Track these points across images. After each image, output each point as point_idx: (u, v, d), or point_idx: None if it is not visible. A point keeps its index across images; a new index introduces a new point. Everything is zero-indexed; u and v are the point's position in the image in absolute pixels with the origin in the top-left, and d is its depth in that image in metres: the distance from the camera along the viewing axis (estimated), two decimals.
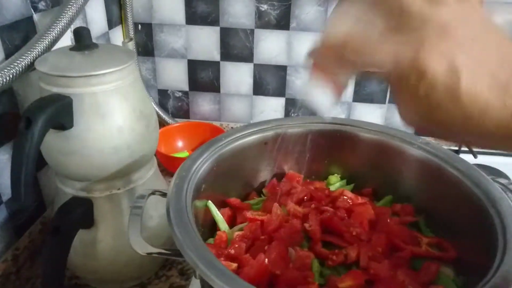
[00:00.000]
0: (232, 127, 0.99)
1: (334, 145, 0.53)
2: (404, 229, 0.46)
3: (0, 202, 0.56)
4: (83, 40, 0.51)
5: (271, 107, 0.97)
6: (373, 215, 0.47)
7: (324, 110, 0.30)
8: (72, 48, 0.51)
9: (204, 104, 0.99)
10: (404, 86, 0.25)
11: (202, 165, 0.44)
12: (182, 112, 1.00)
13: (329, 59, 0.28)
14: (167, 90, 0.99)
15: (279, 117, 0.91)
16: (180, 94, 0.99)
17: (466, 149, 0.46)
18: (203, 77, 0.96)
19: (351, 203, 0.48)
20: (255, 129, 0.51)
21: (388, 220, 0.45)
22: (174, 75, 0.96)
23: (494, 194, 0.40)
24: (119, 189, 0.54)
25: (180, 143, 0.92)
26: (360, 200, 0.49)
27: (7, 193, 0.57)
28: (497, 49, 0.24)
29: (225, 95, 0.97)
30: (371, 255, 0.42)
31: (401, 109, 0.27)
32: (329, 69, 0.29)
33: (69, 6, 0.56)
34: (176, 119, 0.98)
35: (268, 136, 0.51)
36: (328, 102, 0.30)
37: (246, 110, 0.98)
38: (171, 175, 0.82)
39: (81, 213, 0.52)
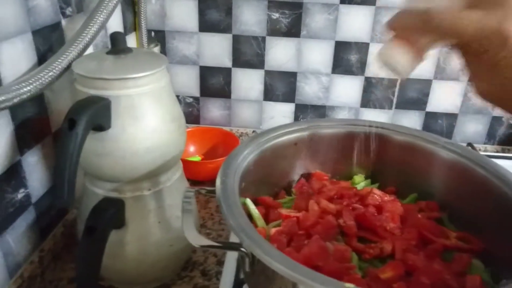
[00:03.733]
0: (242, 133, 1.00)
1: (361, 146, 0.55)
2: (433, 224, 0.48)
3: (29, 203, 0.57)
4: (118, 44, 0.52)
5: (281, 113, 1.00)
6: (402, 211, 0.49)
7: (403, 72, 0.32)
8: (108, 52, 0.52)
9: (214, 109, 1.01)
10: (484, 53, 0.27)
11: (242, 164, 0.46)
12: (192, 117, 1.02)
13: (410, 26, 0.30)
14: (178, 95, 1.00)
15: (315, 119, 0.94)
16: (191, 99, 1.00)
17: None
18: (214, 83, 0.98)
19: (380, 201, 0.50)
20: (287, 130, 0.53)
21: (419, 216, 0.48)
22: (185, 81, 0.98)
23: None
24: (149, 189, 0.55)
25: (191, 148, 0.93)
26: (388, 197, 0.51)
27: (35, 195, 0.58)
28: None
29: (235, 101, 0.99)
30: (405, 248, 0.44)
31: (476, 80, 0.30)
32: (410, 36, 0.31)
33: (99, 12, 0.58)
34: (186, 124, 1.00)
35: (299, 137, 0.53)
36: (408, 64, 0.31)
37: (256, 116, 1.00)
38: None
39: (114, 213, 0.53)
